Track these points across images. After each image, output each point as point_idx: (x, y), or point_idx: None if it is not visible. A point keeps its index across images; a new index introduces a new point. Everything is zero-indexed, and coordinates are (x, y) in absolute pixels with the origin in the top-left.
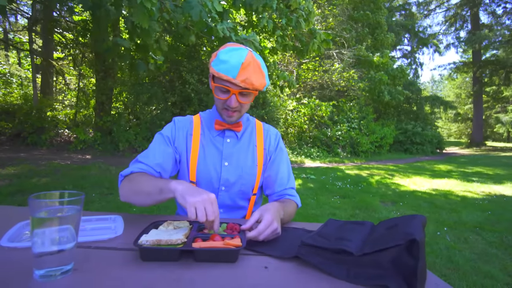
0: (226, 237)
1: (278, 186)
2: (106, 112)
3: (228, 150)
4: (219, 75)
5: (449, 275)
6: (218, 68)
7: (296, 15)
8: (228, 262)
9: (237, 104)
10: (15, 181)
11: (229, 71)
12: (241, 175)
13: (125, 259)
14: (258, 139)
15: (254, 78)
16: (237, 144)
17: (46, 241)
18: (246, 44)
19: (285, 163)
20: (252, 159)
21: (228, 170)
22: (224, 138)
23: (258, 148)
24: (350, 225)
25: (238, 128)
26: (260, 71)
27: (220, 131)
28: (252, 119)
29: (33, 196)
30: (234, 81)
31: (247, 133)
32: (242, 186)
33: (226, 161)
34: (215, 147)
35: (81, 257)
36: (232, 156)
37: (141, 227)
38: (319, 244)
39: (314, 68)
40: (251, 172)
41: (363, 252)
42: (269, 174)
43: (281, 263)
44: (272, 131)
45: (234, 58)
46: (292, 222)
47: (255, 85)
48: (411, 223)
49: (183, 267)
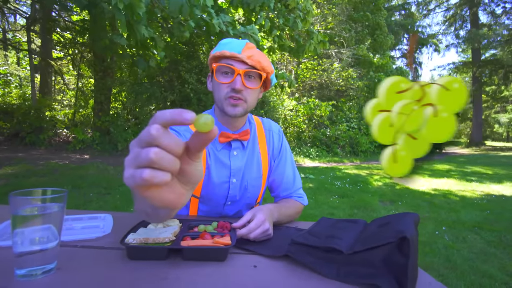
0: (216, 236)
1: (283, 190)
2: (105, 112)
3: (236, 166)
4: (221, 53)
5: (447, 275)
6: (219, 48)
7: (294, 15)
8: (217, 261)
9: (243, 88)
10: (12, 181)
11: (233, 47)
12: (246, 188)
13: (112, 258)
14: (261, 145)
15: (262, 58)
16: (244, 156)
17: (26, 240)
18: (245, 37)
19: (290, 164)
20: (257, 170)
21: (236, 186)
22: (231, 151)
23: (262, 155)
24: (342, 223)
25: (246, 137)
26: (266, 57)
27: (226, 143)
28: (252, 120)
29: (14, 193)
30: (240, 56)
31: (251, 139)
32: (247, 199)
33: (234, 177)
34: (221, 163)
35: (65, 256)
36: (240, 172)
37: (130, 226)
38: (309, 243)
39: (313, 67)
40: (256, 184)
41: (353, 251)
42: (274, 178)
43: (270, 262)
44: (274, 129)
45: (238, 40)
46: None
47: (262, 63)
48: (403, 220)
49: (171, 266)
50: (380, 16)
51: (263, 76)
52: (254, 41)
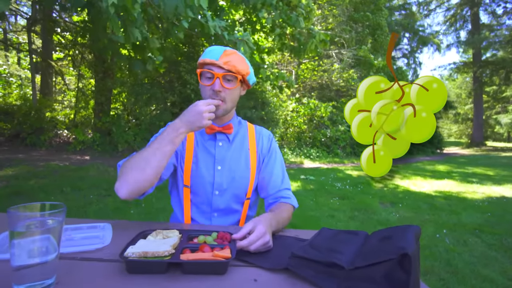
0: (215, 248)
1: (271, 188)
2: (105, 112)
3: (220, 154)
4: (203, 61)
5: (448, 279)
6: (203, 56)
7: (296, 14)
8: (216, 274)
9: (221, 89)
10: (13, 182)
11: (212, 55)
12: (234, 178)
13: (111, 271)
14: (251, 142)
15: (237, 62)
16: (229, 148)
17: (25, 252)
18: (240, 44)
19: (279, 164)
20: (245, 163)
21: (221, 174)
22: (216, 141)
23: (251, 151)
24: (343, 235)
25: (229, 131)
26: (244, 61)
27: (211, 134)
28: (244, 123)
29: (13, 208)
30: (217, 62)
31: (239, 136)
32: (236, 189)
33: (219, 165)
34: (207, 151)
35: (64, 269)
36: (224, 160)
37: (131, 235)
38: (310, 256)
39: (314, 68)
40: (244, 175)
41: (354, 266)
42: (263, 177)
43: (271, 275)
44: (264, 133)
45: (218, 48)
46: (286, 230)
47: (237, 68)
48: (404, 235)
49: (171, 280)
50: (381, 16)
51: (239, 77)
52: (249, 47)
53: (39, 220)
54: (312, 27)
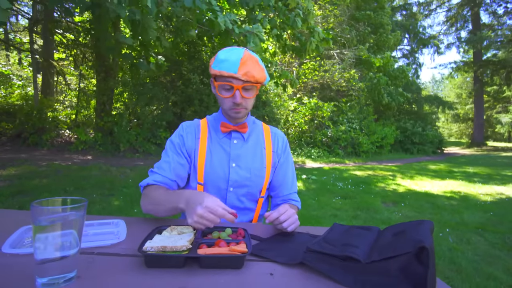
0: (231, 243)
1: (283, 190)
2: (107, 112)
3: (235, 151)
4: (221, 73)
5: (452, 277)
6: (219, 67)
7: (294, 13)
8: (233, 269)
9: (242, 100)
10: (16, 182)
11: (230, 67)
12: (249, 177)
13: (129, 266)
14: (267, 141)
15: (255, 71)
16: (244, 145)
17: (48, 246)
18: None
19: (291, 167)
20: (260, 161)
21: (236, 171)
22: (231, 139)
23: (267, 150)
24: (356, 230)
25: (244, 129)
26: (259, 65)
27: (227, 133)
28: (258, 122)
29: (36, 202)
30: (236, 75)
31: (254, 135)
32: (250, 188)
33: (233, 162)
34: (222, 149)
35: (84, 263)
36: (239, 157)
37: (144, 232)
38: (326, 251)
39: (315, 68)
40: (260, 174)
41: (371, 260)
42: (277, 177)
43: (286, 269)
44: (279, 134)
45: (233, 55)
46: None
47: (256, 77)
48: (419, 229)
49: (188, 274)
50: (383, 14)
51: (257, 86)
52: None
53: (62, 215)
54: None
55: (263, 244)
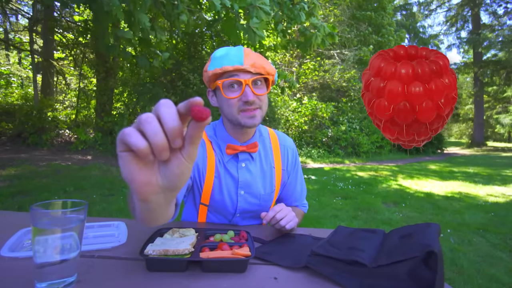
0: (234, 246)
1: (292, 200)
2: (107, 112)
3: (244, 177)
4: (223, 69)
5: (454, 279)
6: (220, 64)
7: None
8: (237, 272)
9: (255, 98)
10: (16, 182)
11: (234, 60)
12: (258, 203)
13: (130, 269)
14: (276, 157)
15: (263, 61)
16: (252, 168)
17: (48, 249)
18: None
19: (300, 178)
20: (270, 185)
21: (245, 198)
22: (239, 162)
23: (276, 168)
24: (361, 233)
25: (254, 149)
26: (264, 58)
27: (233, 154)
28: (265, 131)
29: (35, 205)
30: (243, 67)
31: (263, 151)
32: (258, 211)
33: (242, 189)
34: (230, 175)
35: (84, 267)
36: (248, 184)
37: (145, 234)
38: (331, 254)
39: (315, 68)
40: (269, 198)
41: (377, 264)
42: (286, 192)
43: (290, 273)
44: (289, 145)
45: (233, 49)
46: (298, 228)
47: (266, 68)
48: (427, 232)
49: (191, 278)
50: (385, 15)
51: (270, 79)
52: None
53: (63, 217)
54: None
55: (266, 247)
